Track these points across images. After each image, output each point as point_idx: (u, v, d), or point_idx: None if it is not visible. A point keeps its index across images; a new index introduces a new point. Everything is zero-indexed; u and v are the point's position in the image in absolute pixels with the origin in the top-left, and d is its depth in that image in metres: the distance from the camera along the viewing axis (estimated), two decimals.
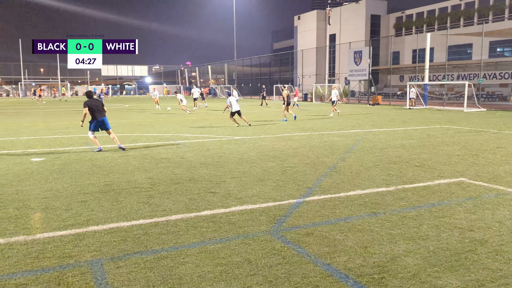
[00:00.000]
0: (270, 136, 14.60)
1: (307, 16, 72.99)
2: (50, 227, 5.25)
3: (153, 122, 20.63)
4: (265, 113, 28.25)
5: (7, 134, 15.68)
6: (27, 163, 9.60)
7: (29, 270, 4.04)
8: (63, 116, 25.69)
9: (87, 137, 14.40)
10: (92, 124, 11.59)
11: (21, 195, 6.78)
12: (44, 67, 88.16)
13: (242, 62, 73.42)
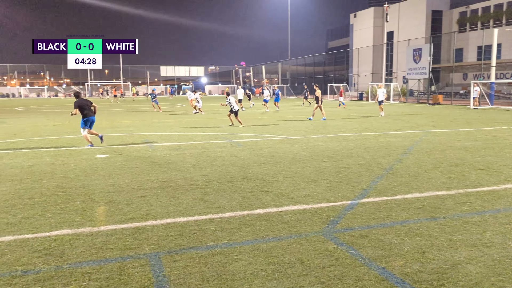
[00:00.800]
0: (323, 136, 14.44)
1: (363, 14, 71.26)
2: (113, 220, 5.55)
3: (208, 122, 21.12)
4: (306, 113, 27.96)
5: (76, 132, 16.73)
6: (93, 159, 10.20)
7: (94, 260, 4.31)
8: (125, 115, 26.97)
9: (148, 135, 15.04)
10: (82, 121, 12.22)
11: (87, 189, 7.22)
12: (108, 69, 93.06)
13: (296, 61, 73.13)
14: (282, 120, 21.33)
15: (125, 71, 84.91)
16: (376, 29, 66.82)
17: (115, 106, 41.18)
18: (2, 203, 6.34)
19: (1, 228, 5.21)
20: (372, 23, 67.92)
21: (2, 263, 4.20)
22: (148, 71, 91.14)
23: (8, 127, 19.04)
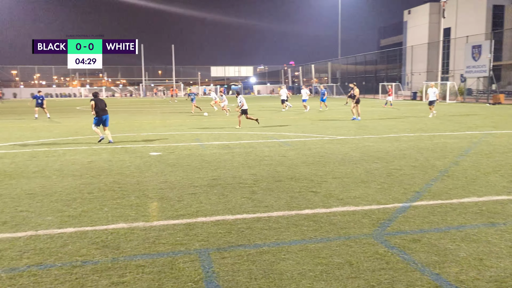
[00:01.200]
0: (374, 137, 14.09)
1: (418, 10, 68.63)
2: (165, 216, 5.75)
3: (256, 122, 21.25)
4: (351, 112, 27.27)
5: (130, 130, 17.47)
6: (146, 156, 10.60)
7: (147, 253, 4.48)
8: (177, 115, 27.75)
9: (198, 134, 15.41)
10: (95, 119, 13.06)
11: (141, 185, 7.52)
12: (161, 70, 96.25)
13: (346, 60, 71.82)
14: (327, 120, 21.05)
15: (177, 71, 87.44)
16: (432, 26, 64.12)
17: (168, 105, 42.51)
18: (64, 196, 6.75)
19: (63, 220, 5.56)
20: (427, 20, 65.26)
21: (64, 253, 4.48)
22: (199, 71, 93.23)
23: (70, 125, 20.22)
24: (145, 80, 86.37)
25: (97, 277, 3.93)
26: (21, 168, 9.18)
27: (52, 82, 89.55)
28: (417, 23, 67.61)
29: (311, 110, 29.60)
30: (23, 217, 5.70)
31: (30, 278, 3.90)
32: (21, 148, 12.41)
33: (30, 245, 4.71)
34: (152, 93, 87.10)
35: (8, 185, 7.58)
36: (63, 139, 14.46)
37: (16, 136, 15.51)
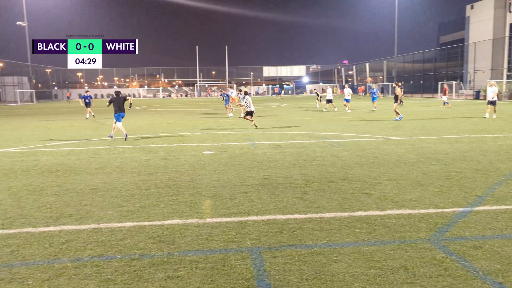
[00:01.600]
0: (432, 138, 13.50)
1: (482, 4, 64.80)
2: (218, 213, 5.87)
3: (309, 121, 21.11)
4: (403, 112, 26.18)
5: (185, 129, 18.00)
6: (200, 155, 10.88)
7: (200, 249, 4.61)
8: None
9: (250, 134, 15.57)
10: (115, 115, 14.73)
11: (195, 183, 7.73)
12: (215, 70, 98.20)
13: (403, 58, 69.35)
14: (381, 121, 20.44)
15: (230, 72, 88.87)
16: (497, 21, 60.28)
17: (222, 105, 43.28)
18: (124, 192, 7.10)
19: (123, 215, 5.84)
20: (492, 15, 61.44)
21: (123, 246, 4.71)
22: (251, 72, 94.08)
23: (129, 124, 21.18)
24: (200, 81, 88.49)
25: (154, 270, 4.09)
26: (85, 164, 9.76)
27: (114, 83, 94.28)
28: (481, 18, 63.84)
29: (355, 110, 28.89)
30: (87, 211, 6.06)
31: (93, 268, 4.14)
32: (85, 145, 13.18)
33: (93, 237, 5.00)
34: (206, 93, 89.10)
35: (74, 180, 8.09)
36: (122, 137, 15.17)
37: (81, 134, 16.49)
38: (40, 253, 4.54)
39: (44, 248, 4.69)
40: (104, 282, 3.86)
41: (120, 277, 3.95)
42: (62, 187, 7.54)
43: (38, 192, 7.16)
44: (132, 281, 3.87)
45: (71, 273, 4.06)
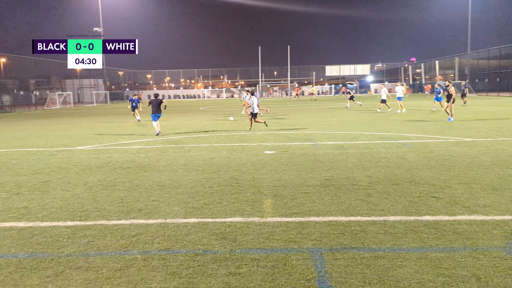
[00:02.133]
0: (510, 139, 12.55)
1: None
2: (278, 213, 5.90)
3: (373, 121, 20.52)
4: (468, 112, 24.36)
5: (244, 129, 18.26)
6: (262, 155, 10.98)
7: (261, 248, 4.66)
8: (291, 114, 28.15)
9: (312, 134, 15.46)
10: (152, 115, 16.48)
11: (256, 182, 7.82)
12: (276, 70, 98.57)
13: (477, 54, 65.03)
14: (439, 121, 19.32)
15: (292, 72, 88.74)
16: None
17: (283, 105, 43.36)
18: (188, 189, 7.36)
19: (188, 211, 6.07)
20: None
21: (188, 242, 4.89)
22: (313, 71, 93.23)
23: (194, 124, 21.91)
24: (262, 81, 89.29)
25: (216, 266, 4.21)
26: (153, 162, 10.25)
27: (180, 84, 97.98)
28: None
29: (413, 111, 27.48)
30: (155, 206, 6.37)
31: (160, 261, 4.35)
32: (153, 144, 13.84)
33: (160, 232, 5.25)
34: (268, 93, 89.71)
35: (143, 176, 8.53)
36: (188, 137, 15.73)
37: (150, 133, 17.32)
38: (113, 245, 4.85)
39: (116, 240, 5.00)
40: (170, 275, 4.04)
41: (185, 271, 4.11)
42: (132, 183, 7.99)
43: (111, 187, 7.64)
44: (196, 275, 4.01)
45: (140, 264, 4.29)
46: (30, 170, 9.51)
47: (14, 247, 4.84)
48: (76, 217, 5.90)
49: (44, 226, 5.56)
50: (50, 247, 4.82)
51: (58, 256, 4.55)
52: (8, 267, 4.30)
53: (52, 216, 5.97)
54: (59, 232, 5.32)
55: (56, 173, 9.08)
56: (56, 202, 6.73)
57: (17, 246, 4.88)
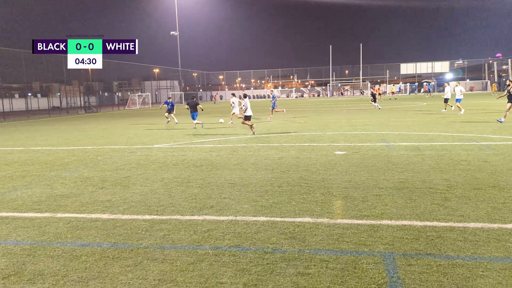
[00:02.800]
0: None
1: None
2: (349, 215, 5.78)
3: (454, 121, 19.31)
4: None
5: (317, 129, 18.10)
6: (332, 155, 10.82)
7: (331, 249, 4.60)
8: (363, 114, 27.39)
9: (385, 134, 14.93)
10: (191, 114, 20.02)
11: (326, 182, 7.73)
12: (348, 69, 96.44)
13: None
14: None
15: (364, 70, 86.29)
16: None
17: (355, 105, 42.34)
18: (258, 188, 7.47)
19: (257, 210, 6.16)
20: None
21: (257, 239, 4.97)
22: (387, 69, 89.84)
23: (263, 124, 22.15)
24: (332, 80, 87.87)
25: (285, 265, 4.23)
26: (225, 160, 10.54)
27: (250, 84, 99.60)
28: None
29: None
30: (226, 203, 6.55)
31: (230, 257, 4.47)
32: (225, 143, 14.22)
33: (230, 228, 5.39)
34: (339, 92, 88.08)
35: (215, 174, 8.80)
36: (258, 136, 15.94)
37: (221, 133, 17.83)
38: (186, 239, 5.07)
39: (189, 234, 5.22)
40: (240, 271, 4.13)
41: (254, 268, 4.19)
42: (205, 180, 8.28)
43: (185, 184, 7.99)
44: (265, 273, 4.07)
45: (211, 259, 4.44)
46: (113, 166, 10.24)
47: (98, 237, 5.24)
48: (153, 211, 6.25)
49: (125, 218, 5.96)
50: (130, 238, 5.16)
51: (137, 247, 4.86)
52: (94, 255, 4.67)
53: (132, 210, 6.38)
54: (138, 224, 5.67)
55: (136, 170, 9.69)
56: (136, 196, 7.18)
57: (101, 236, 5.28)
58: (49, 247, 4.95)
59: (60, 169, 10.13)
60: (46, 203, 6.89)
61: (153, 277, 4.08)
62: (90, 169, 9.95)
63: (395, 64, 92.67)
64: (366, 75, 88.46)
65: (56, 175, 9.36)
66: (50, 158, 11.92)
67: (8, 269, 4.35)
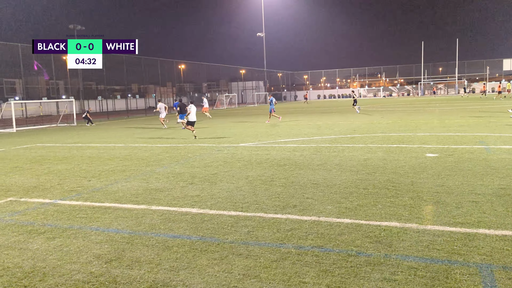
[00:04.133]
0: None
1: None
2: (440, 221, 5.44)
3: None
4: None
5: (406, 129, 17.25)
6: (422, 157, 10.25)
7: (420, 256, 4.37)
8: (458, 114, 25.49)
9: (483, 136, 13.77)
10: (179, 115, 20.35)
11: (415, 186, 7.35)
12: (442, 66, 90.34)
13: None
14: None
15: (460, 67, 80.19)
16: None
17: (444, 104, 39.57)
18: (342, 189, 7.34)
19: (341, 211, 6.06)
20: None
21: (341, 241, 4.90)
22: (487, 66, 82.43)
23: (348, 124, 21.67)
24: (424, 78, 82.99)
25: (370, 269, 4.12)
26: (308, 160, 10.51)
27: (335, 84, 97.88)
28: None
29: None
30: (308, 203, 6.54)
31: (313, 258, 4.46)
32: (308, 143, 14.17)
33: (313, 229, 5.37)
34: (431, 91, 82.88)
35: (298, 174, 8.83)
36: (342, 136, 15.64)
37: (304, 133, 17.80)
38: (270, 237, 5.16)
39: (272, 232, 5.31)
40: (323, 272, 4.11)
41: (338, 270, 4.13)
42: (288, 179, 8.34)
43: (269, 183, 8.12)
44: (349, 276, 3.99)
45: (294, 258, 4.47)
46: (202, 163, 10.76)
47: (188, 230, 5.56)
48: (238, 208, 6.46)
49: (212, 213, 6.24)
50: (217, 233, 5.39)
51: (223, 242, 5.06)
52: (184, 246, 4.96)
53: (218, 205, 6.66)
54: (224, 220, 5.90)
55: (223, 167, 10.07)
56: (222, 193, 7.48)
57: (191, 229, 5.59)
58: (144, 236, 5.36)
59: (155, 164, 10.90)
60: (143, 196, 7.46)
61: (237, 271, 4.23)
62: (181, 166, 10.55)
63: (497, 60, 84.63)
64: (462, 72, 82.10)
65: (151, 170, 10.08)
66: (146, 154, 12.87)
67: (110, 254, 4.80)
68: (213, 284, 3.97)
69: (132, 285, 3.99)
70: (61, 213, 6.59)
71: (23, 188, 8.56)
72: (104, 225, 5.90)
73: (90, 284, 4.05)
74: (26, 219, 6.31)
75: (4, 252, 5.00)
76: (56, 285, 4.05)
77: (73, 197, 7.63)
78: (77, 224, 5.99)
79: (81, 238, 5.37)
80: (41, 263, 4.61)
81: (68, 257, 4.74)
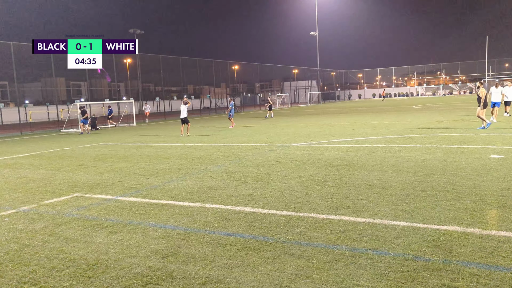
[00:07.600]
0: None
1: None
2: (506, 227, 5.12)
3: None
4: None
5: (468, 129, 16.35)
6: (486, 159, 9.67)
7: (483, 263, 4.14)
8: None
9: None
10: None
11: (478, 189, 6.95)
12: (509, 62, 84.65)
13: None
14: None
15: None
16: None
17: None
18: (398, 191, 7.11)
19: (397, 214, 5.87)
20: None
21: (397, 245, 4.75)
22: None
23: (405, 123, 20.91)
24: (488, 75, 78.23)
25: (428, 274, 3.96)
26: (362, 161, 10.27)
27: (392, 82, 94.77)
28: None
29: None
30: (363, 205, 6.40)
31: (368, 260, 4.36)
32: (363, 143, 13.85)
33: (367, 231, 5.25)
34: None
35: (352, 175, 8.66)
36: (399, 136, 15.12)
37: (359, 133, 17.41)
38: (322, 237, 5.11)
39: (325, 233, 5.25)
40: (378, 275, 4.00)
41: (393, 274, 4.01)
42: (341, 180, 8.21)
43: (322, 183, 8.04)
44: (405, 281, 3.87)
45: (348, 260, 4.40)
46: (254, 163, 10.86)
47: (241, 228, 5.64)
48: (291, 208, 6.45)
49: (265, 213, 6.28)
50: (269, 232, 5.42)
51: (275, 241, 5.09)
52: (237, 244, 5.04)
53: (271, 205, 6.69)
54: (276, 219, 5.92)
55: (275, 167, 10.10)
56: (274, 192, 7.50)
57: (244, 227, 5.67)
58: (199, 233, 5.51)
59: (209, 163, 11.16)
60: (198, 194, 7.67)
61: (290, 271, 4.23)
62: (235, 165, 10.71)
63: None
64: None
65: (206, 169, 10.33)
66: (201, 154, 13.20)
67: (167, 250, 4.99)
68: (265, 282, 4.01)
69: (188, 281, 4.12)
70: (121, 209, 6.94)
71: (87, 184, 9.10)
72: (161, 221, 6.13)
73: (148, 278, 4.23)
74: (90, 214, 6.71)
75: (71, 244, 5.35)
76: (117, 277, 4.27)
77: (133, 194, 8.00)
78: (137, 220, 6.28)
79: (140, 233, 5.62)
80: (103, 256, 4.88)
81: (128, 251, 4.98)
